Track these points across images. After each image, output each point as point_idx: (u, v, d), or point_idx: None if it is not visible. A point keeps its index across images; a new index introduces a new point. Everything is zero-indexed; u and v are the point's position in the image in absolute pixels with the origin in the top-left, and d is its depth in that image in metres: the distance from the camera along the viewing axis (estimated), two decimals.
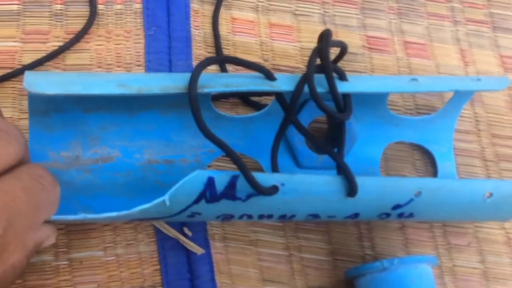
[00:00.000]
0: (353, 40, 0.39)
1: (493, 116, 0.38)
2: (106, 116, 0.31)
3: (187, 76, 0.27)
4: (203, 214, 0.27)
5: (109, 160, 0.31)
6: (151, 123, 0.32)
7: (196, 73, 0.26)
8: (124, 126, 0.31)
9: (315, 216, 0.29)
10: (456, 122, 0.36)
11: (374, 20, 0.40)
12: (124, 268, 0.31)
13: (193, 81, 0.26)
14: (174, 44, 0.37)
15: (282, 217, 0.29)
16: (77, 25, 0.36)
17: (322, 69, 0.28)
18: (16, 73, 0.34)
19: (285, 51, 0.38)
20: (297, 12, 0.39)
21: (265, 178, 0.26)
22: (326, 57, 0.28)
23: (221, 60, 0.34)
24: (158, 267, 0.31)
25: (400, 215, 0.30)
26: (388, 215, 0.29)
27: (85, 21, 0.36)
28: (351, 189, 0.27)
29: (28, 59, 0.34)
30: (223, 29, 0.38)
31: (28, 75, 0.25)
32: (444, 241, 0.34)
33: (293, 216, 0.29)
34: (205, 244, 0.32)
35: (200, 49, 0.37)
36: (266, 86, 0.28)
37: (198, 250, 0.31)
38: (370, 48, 0.39)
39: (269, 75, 0.28)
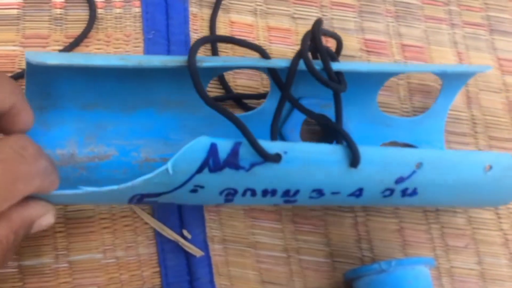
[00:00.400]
0: (351, 43, 0.39)
1: (490, 118, 0.38)
2: (102, 114, 0.31)
3: (186, 56, 0.28)
4: (206, 188, 0.27)
5: (106, 158, 0.31)
6: (148, 122, 0.32)
7: (194, 46, 0.27)
8: (121, 125, 0.32)
9: (319, 192, 0.28)
10: (444, 122, 0.36)
11: (372, 23, 0.40)
12: (124, 270, 0.31)
13: (192, 52, 0.27)
14: (173, 48, 0.37)
15: (286, 194, 0.28)
16: (77, 29, 0.36)
17: (314, 49, 0.30)
18: (16, 77, 0.34)
19: (283, 54, 0.38)
20: (295, 16, 0.39)
21: (267, 146, 0.26)
22: (318, 38, 0.29)
23: (218, 39, 0.34)
24: (157, 269, 0.31)
25: (404, 192, 0.29)
26: (392, 192, 0.29)
27: (85, 25, 0.36)
28: (353, 157, 0.27)
29: None
30: (222, 33, 0.38)
31: (28, 53, 0.26)
32: (441, 243, 0.34)
33: (297, 192, 0.28)
34: (204, 247, 0.32)
35: (199, 52, 0.37)
36: (262, 62, 0.29)
37: (197, 252, 0.32)
38: (368, 51, 0.39)
39: (264, 55, 0.30)
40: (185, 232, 0.32)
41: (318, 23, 0.30)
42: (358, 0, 0.40)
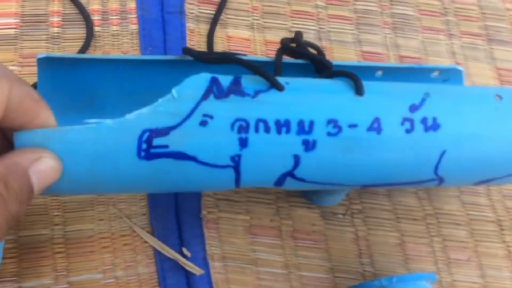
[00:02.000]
0: (349, 55, 0.39)
1: None
2: None
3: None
4: (215, 119, 0.26)
5: None
6: None
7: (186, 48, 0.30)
8: None
9: (336, 125, 0.27)
10: None
11: (369, 35, 0.40)
12: None
13: (186, 47, 0.30)
14: None
15: (301, 128, 0.26)
16: (74, 47, 0.36)
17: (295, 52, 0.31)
18: None
19: None
20: (293, 29, 0.39)
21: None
22: (299, 38, 0.31)
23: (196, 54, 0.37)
24: None
25: (425, 124, 0.28)
26: (412, 124, 0.27)
27: (82, 43, 0.36)
28: (356, 85, 0.27)
29: None
30: (219, 47, 0.38)
31: (40, 54, 0.28)
32: (443, 256, 0.34)
33: (311, 125, 0.27)
34: (204, 264, 0.32)
35: None
36: (250, 58, 0.30)
37: (197, 270, 0.31)
38: None
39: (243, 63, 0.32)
40: (184, 250, 0.32)
41: (299, 32, 0.32)
42: (355, 13, 0.40)
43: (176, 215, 0.33)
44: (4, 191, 0.21)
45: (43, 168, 0.23)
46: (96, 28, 0.37)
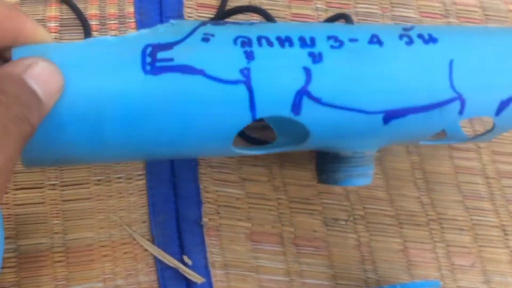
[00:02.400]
0: None
1: None
2: None
3: None
4: (217, 36, 0.26)
5: None
6: None
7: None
8: None
9: (337, 39, 0.27)
10: None
11: None
12: None
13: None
14: None
15: (303, 42, 0.26)
16: None
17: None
18: None
19: None
20: None
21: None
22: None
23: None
24: None
25: (423, 38, 0.28)
26: (410, 38, 0.28)
27: None
28: (346, 20, 0.29)
29: None
30: None
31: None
32: (447, 262, 0.34)
33: (313, 40, 0.27)
34: (206, 272, 0.32)
35: None
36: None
37: (198, 279, 0.31)
38: None
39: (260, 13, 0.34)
40: (185, 258, 0.32)
41: None
42: (356, 15, 0.40)
43: (177, 223, 0.33)
44: (2, 96, 0.20)
45: (38, 71, 0.21)
46: (94, 33, 0.37)
